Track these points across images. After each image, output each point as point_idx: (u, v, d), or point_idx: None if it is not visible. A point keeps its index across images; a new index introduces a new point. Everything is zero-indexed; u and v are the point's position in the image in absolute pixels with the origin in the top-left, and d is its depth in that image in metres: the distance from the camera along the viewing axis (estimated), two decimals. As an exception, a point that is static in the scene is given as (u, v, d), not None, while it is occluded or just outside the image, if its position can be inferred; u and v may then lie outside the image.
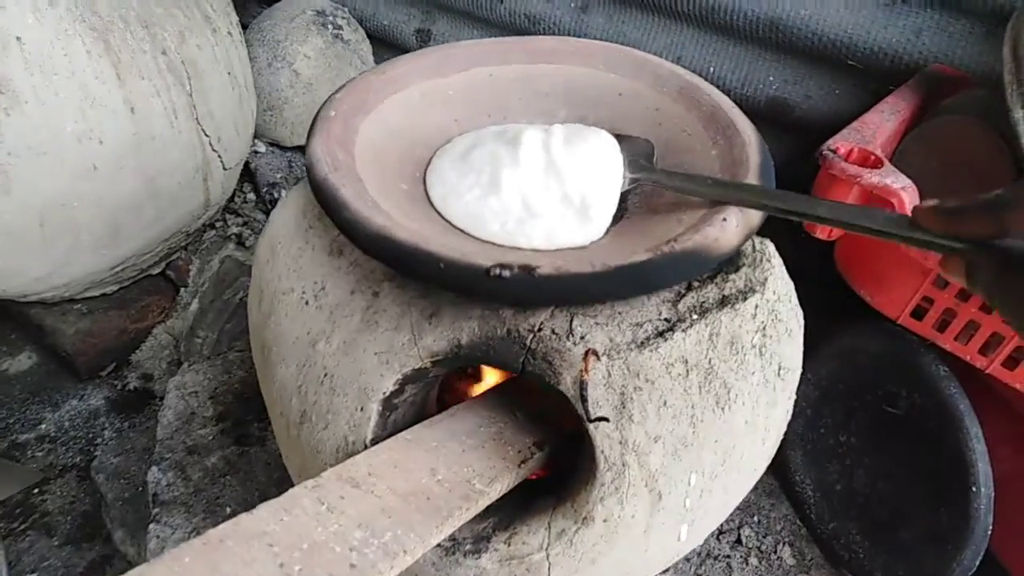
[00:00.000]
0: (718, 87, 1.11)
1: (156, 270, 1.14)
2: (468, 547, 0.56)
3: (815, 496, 0.95)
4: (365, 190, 0.54)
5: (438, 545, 0.56)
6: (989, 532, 0.76)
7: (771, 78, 1.11)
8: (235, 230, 1.20)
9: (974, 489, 0.76)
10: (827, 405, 0.94)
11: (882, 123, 0.82)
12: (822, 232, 0.78)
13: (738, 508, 0.96)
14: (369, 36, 1.47)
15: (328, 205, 0.53)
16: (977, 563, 0.77)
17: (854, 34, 1.00)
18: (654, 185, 0.59)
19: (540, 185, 0.57)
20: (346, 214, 0.51)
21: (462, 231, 0.57)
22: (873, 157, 0.76)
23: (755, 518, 0.96)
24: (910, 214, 0.42)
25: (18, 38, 0.81)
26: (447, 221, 0.58)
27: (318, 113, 0.63)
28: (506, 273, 0.45)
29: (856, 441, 0.92)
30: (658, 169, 0.61)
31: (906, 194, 0.73)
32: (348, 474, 0.50)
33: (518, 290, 0.46)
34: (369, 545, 0.43)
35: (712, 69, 1.15)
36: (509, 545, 0.55)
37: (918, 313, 0.78)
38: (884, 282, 0.80)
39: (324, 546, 0.42)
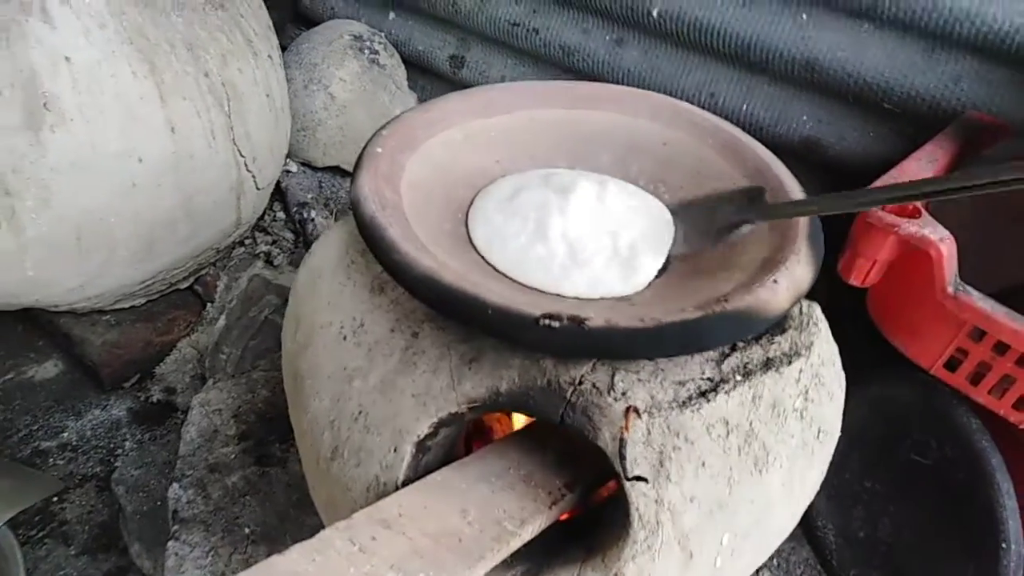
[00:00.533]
0: (751, 124, 1.12)
1: (184, 284, 1.15)
2: (497, 597, 0.55)
3: (837, 542, 0.94)
4: (411, 230, 0.55)
5: (467, 594, 0.55)
6: (1020, 590, 0.75)
7: (805, 117, 1.11)
8: (264, 248, 1.21)
9: (1004, 546, 0.75)
10: (854, 451, 0.93)
11: (920, 171, 0.82)
12: (856, 278, 0.78)
13: (758, 554, 0.95)
14: (404, 61, 1.48)
15: (375, 244, 0.53)
16: (1006, 623, 0.76)
17: (891, 78, 1.00)
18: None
19: (588, 234, 0.58)
20: (395, 256, 0.51)
21: (505, 275, 0.57)
22: (911, 207, 0.76)
23: (775, 561, 0.95)
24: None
25: (67, 58, 0.82)
26: (490, 265, 0.58)
27: (364, 148, 0.64)
28: (555, 324, 0.45)
29: (882, 488, 0.91)
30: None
31: (944, 246, 0.72)
32: (379, 515, 0.50)
33: (566, 341, 0.46)
34: None
35: (746, 107, 1.15)
36: (538, 596, 0.55)
37: (951, 364, 0.77)
38: (918, 332, 0.79)
39: None
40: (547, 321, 0.45)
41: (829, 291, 0.88)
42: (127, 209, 0.93)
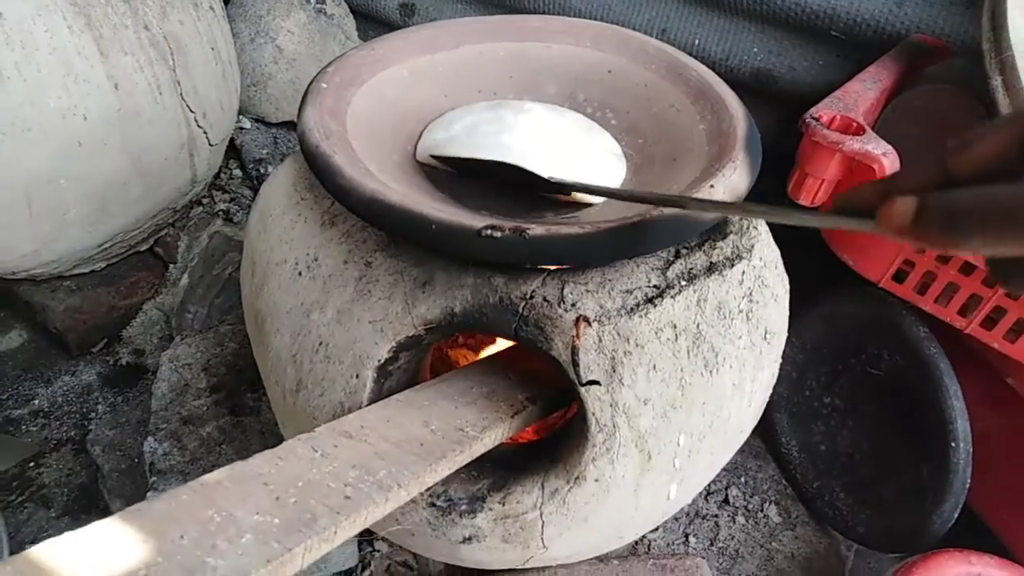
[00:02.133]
0: (702, 60, 1.12)
1: (144, 247, 1.14)
2: (464, 507, 0.57)
3: (800, 457, 0.98)
4: (357, 158, 0.55)
5: (433, 505, 0.57)
6: (967, 486, 0.79)
7: (755, 49, 1.12)
8: (222, 206, 1.20)
9: (953, 445, 0.79)
10: (812, 368, 0.97)
11: (864, 92, 0.84)
12: (806, 197, 0.80)
13: (726, 469, 0.99)
14: (353, 11, 1.45)
15: (321, 172, 0.53)
16: (955, 516, 0.80)
17: (837, 5, 1.01)
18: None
19: (531, 148, 0.58)
20: (340, 180, 0.52)
21: (451, 198, 0.58)
22: (855, 125, 0.77)
23: (742, 479, 0.99)
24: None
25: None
26: (438, 191, 0.59)
27: (309, 85, 0.64)
28: (497, 234, 0.46)
29: (840, 403, 0.95)
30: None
31: (887, 160, 0.74)
32: (341, 428, 0.52)
33: (509, 251, 0.47)
34: (363, 481, 0.45)
35: (697, 41, 1.15)
36: (504, 504, 0.57)
37: (899, 276, 0.80)
38: (866, 246, 0.81)
39: (319, 483, 0.44)
40: (489, 232, 0.46)
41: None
42: (75, 170, 0.92)
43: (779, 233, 0.67)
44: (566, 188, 0.57)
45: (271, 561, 0.38)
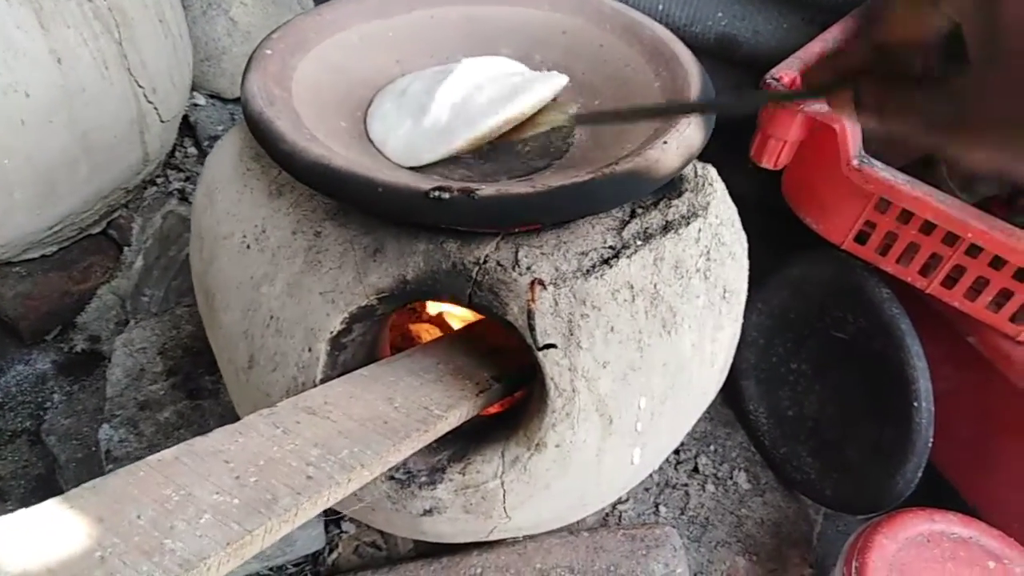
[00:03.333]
0: (667, 25, 1.11)
1: (97, 229, 1.10)
2: (423, 479, 0.56)
3: (768, 423, 0.98)
4: (302, 124, 0.53)
5: (392, 478, 0.56)
6: (930, 445, 0.79)
7: (719, 14, 1.11)
8: (177, 185, 1.16)
9: (915, 404, 0.79)
10: (778, 335, 0.97)
11: (826, 51, 0.83)
12: (768, 160, 0.79)
13: (695, 438, 0.99)
14: (308, -18, 1.41)
15: (264, 138, 0.51)
16: (919, 475, 0.81)
17: (799, -33, 1.00)
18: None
19: (470, 93, 0.57)
20: (283, 146, 0.50)
21: (399, 164, 0.57)
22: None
23: (711, 447, 0.99)
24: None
25: (-72, -16, 0.76)
26: (385, 156, 0.57)
27: (254, 51, 0.61)
28: (445, 195, 0.45)
29: (807, 368, 0.95)
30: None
31: (847, 120, 0.74)
32: (304, 403, 0.51)
33: (459, 212, 0.46)
34: (326, 461, 0.44)
35: (661, 7, 1.14)
36: (464, 475, 0.56)
37: (861, 238, 0.80)
38: (828, 208, 0.81)
39: (280, 462, 0.43)
40: (437, 193, 0.45)
41: (748, 182, 0.89)
42: (18, 149, 0.88)
43: (743, 201, 0.67)
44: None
45: (231, 543, 0.37)
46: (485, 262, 0.51)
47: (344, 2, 0.70)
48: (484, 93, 0.59)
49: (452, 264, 0.52)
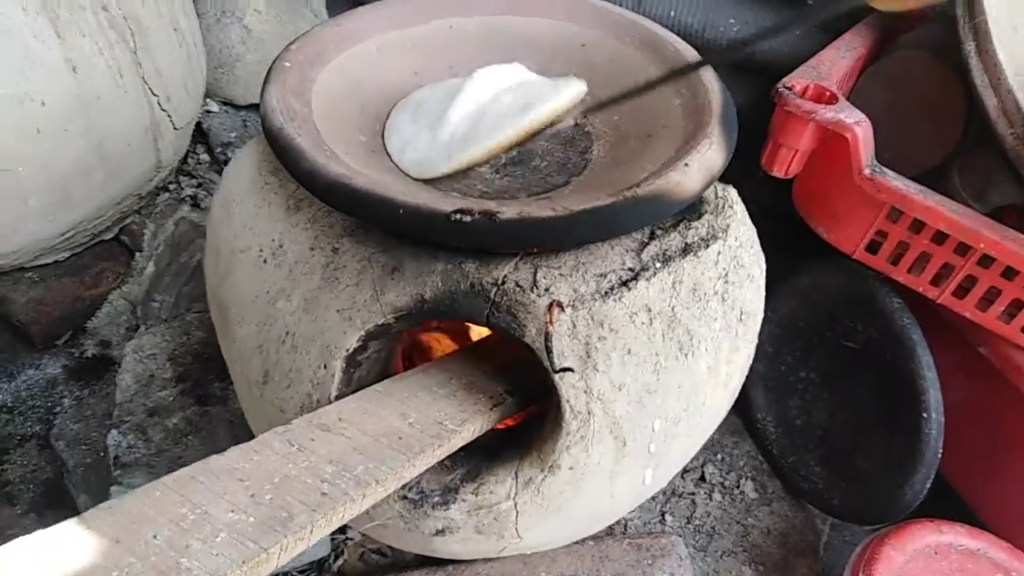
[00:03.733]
0: (679, 31, 1.10)
1: (109, 235, 1.10)
2: (436, 499, 0.56)
3: (776, 432, 0.98)
4: (322, 140, 0.53)
5: (405, 498, 0.56)
6: (939, 456, 0.79)
7: (732, 21, 1.10)
8: (189, 192, 1.17)
9: (925, 415, 0.79)
10: (787, 343, 0.97)
11: (838, 59, 0.83)
12: (779, 169, 0.79)
13: (702, 447, 0.98)
14: (321, -12, 1.41)
15: (284, 155, 0.51)
16: (927, 486, 0.80)
17: (813, -28, 1.00)
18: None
19: (486, 104, 0.57)
20: (304, 164, 0.50)
21: (417, 178, 0.57)
22: (828, 93, 0.77)
23: (718, 456, 0.99)
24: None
25: (-52, -7, 0.76)
26: (404, 172, 0.57)
27: (273, 63, 0.62)
28: (467, 218, 0.45)
29: (816, 377, 0.95)
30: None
31: (860, 128, 0.73)
32: (318, 420, 0.50)
33: (480, 235, 0.46)
34: (341, 477, 0.44)
35: (673, 13, 1.13)
36: (477, 495, 0.56)
37: (873, 248, 0.80)
38: (839, 217, 0.81)
39: (295, 479, 0.43)
40: (459, 216, 0.45)
41: (758, 189, 0.89)
42: (34, 157, 0.88)
43: (755, 210, 0.67)
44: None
45: (247, 562, 0.37)
46: (503, 283, 0.51)
47: (362, 12, 0.70)
48: (501, 103, 0.59)
49: (470, 284, 0.52)
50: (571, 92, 0.60)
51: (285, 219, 0.57)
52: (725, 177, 0.57)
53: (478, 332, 0.82)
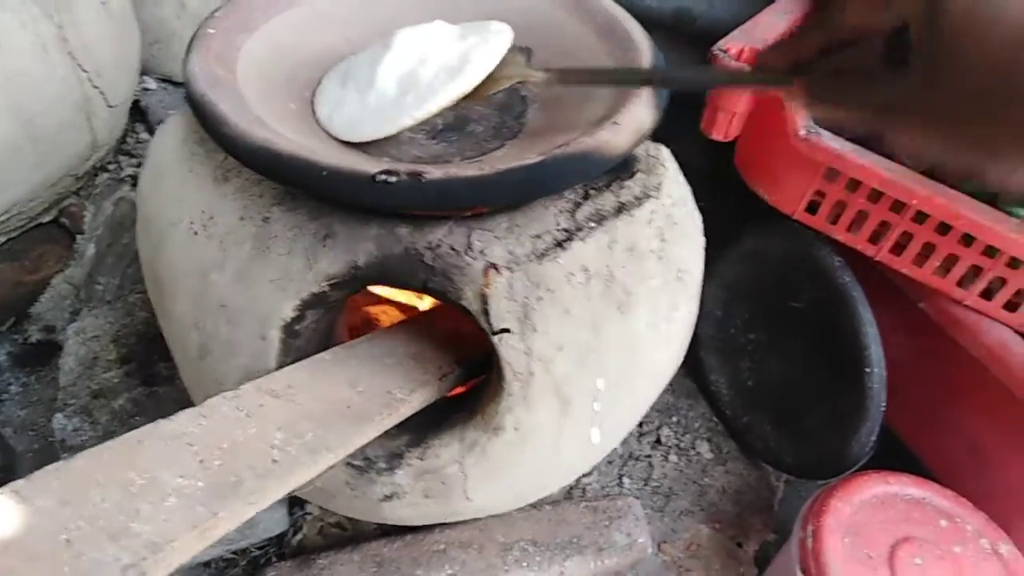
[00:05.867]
0: (621, 1, 1.10)
1: (47, 218, 1.07)
2: (382, 464, 0.56)
3: (729, 393, 1.00)
4: (247, 106, 0.52)
5: (350, 465, 0.56)
6: (883, 409, 0.81)
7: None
8: (129, 171, 1.13)
9: (868, 371, 0.81)
10: (736, 306, 0.98)
11: (774, 22, 0.83)
12: (718, 132, 0.79)
13: (657, 410, 1.00)
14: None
15: (207, 121, 0.50)
16: (873, 439, 0.82)
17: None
18: (541, 81, 0.58)
19: (416, 65, 0.55)
20: (226, 129, 0.48)
21: (348, 143, 0.56)
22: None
23: (674, 418, 1.00)
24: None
25: None
26: (335, 138, 0.56)
27: (197, 31, 0.59)
28: (392, 179, 0.44)
29: (764, 338, 0.97)
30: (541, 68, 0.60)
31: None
32: (267, 386, 0.50)
33: (406, 196, 0.45)
34: (291, 444, 0.44)
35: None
36: (423, 460, 0.56)
37: (812, 208, 0.81)
38: (779, 179, 0.82)
39: (245, 445, 0.43)
40: (384, 177, 0.44)
41: (703, 156, 0.89)
42: (-42, 137, 0.85)
43: (699, 173, 0.67)
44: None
45: (197, 526, 0.37)
46: (438, 247, 0.51)
47: (295, -23, 0.68)
48: (429, 67, 0.57)
49: (404, 249, 0.51)
50: (497, 46, 0.58)
51: (214, 190, 0.56)
52: (665, 142, 0.57)
53: (425, 304, 0.82)
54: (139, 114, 1.22)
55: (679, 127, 0.74)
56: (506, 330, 0.50)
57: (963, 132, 0.37)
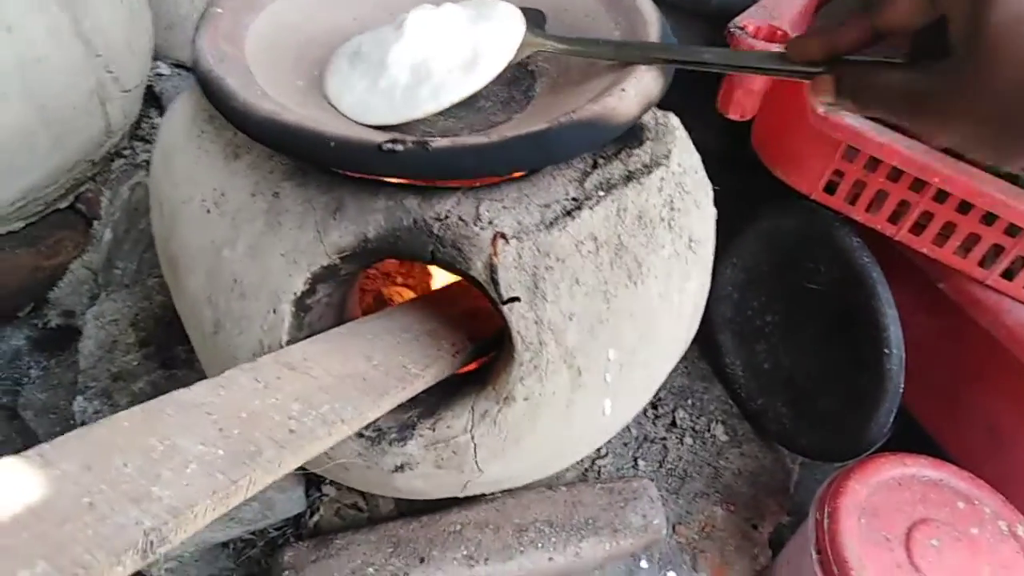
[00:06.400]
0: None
1: (64, 203, 1.08)
2: (394, 435, 0.56)
3: (745, 376, 0.99)
4: (254, 80, 0.52)
5: (362, 436, 0.56)
6: (901, 391, 0.80)
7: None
8: (144, 157, 1.14)
9: (887, 352, 0.80)
10: (752, 288, 0.97)
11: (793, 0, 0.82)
12: (735, 111, 0.78)
13: (672, 392, 0.99)
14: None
15: (214, 96, 0.50)
16: (891, 420, 0.81)
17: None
18: (554, 51, 0.58)
19: (429, 53, 0.55)
20: (233, 103, 0.49)
21: (354, 120, 0.56)
22: (780, 33, 0.76)
23: (689, 401, 1.00)
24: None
25: None
26: (342, 113, 0.56)
27: (205, 10, 0.60)
28: (399, 147, 0.44)
29: (781, 320, 0.96)
30: (553, 35, 0.59)
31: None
32: (284, 359, 0.51)
33: (413, 164, 0.45)
34: (307, 415, 0.44)
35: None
36: (434, 430, 0.56)
37: (831, 188, 0.80)
38: (797, 159, 0.81)
39: (263, 415, 0.43)
40: (390, 146, 0.44)
41: (718, 136, 0.88)
42: (-27, 123, 0.86)
43: (715, 155, 0.66)
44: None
45: (217, 492, 0.37)
46: (446, 217, 0.51)
47: (298, -42, 0.68)
48: (442, 59, 0.56)
49: (413, 220, 0.51)
50: (511, 37, 0.58)
51: (224, 167, 0.56)
52: (666, 107, 0.56)
53: (439, 282, 0.82)
54: (153, 100, 1.22)
55: (694, 106, 0.74)
56: (515, 299, 0.50)
57: (1000, 129, 0.36)
